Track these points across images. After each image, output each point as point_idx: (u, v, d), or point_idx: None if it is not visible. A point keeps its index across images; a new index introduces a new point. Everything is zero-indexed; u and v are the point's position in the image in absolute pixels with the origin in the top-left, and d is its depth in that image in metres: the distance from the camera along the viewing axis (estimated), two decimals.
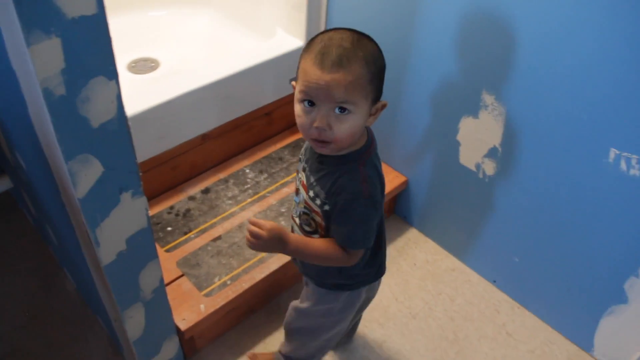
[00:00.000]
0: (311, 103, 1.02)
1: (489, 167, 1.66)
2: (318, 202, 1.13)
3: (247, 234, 1.12)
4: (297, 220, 1.22)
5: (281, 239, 1.11)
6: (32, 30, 0.76)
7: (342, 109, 1.00)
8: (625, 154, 1.35)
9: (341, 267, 1.21)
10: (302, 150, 1.22)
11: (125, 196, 1.04)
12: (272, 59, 1.85)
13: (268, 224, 1.10)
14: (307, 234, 1.20)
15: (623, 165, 1.36)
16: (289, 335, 1.48)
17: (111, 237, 1.07)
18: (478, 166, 1.69)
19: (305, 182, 1.16)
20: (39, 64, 0.79)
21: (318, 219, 1.15)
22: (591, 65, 1.31)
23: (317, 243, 1.16)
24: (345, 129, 1.02)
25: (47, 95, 0.82)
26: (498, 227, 1.75)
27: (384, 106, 1.09)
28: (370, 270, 1.27)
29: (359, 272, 1.24)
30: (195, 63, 2.09)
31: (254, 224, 1.11)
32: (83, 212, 0.99)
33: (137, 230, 1.11)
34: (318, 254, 1.15)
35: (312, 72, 1.00)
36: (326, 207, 1.12)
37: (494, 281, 1.88)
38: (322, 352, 1.48)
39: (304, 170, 1.17)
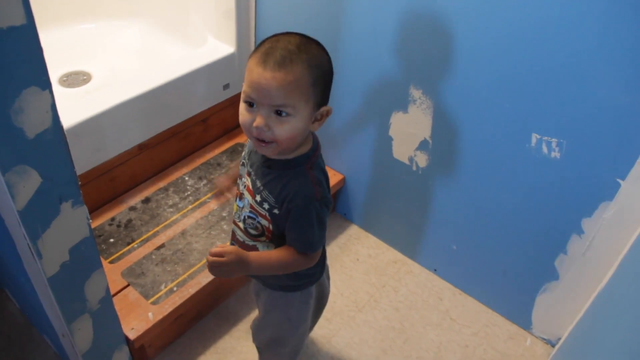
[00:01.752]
0: (252, 104, 1.02)
1: (422, 160, 1.72)
2: (266, 206, 1.12)
3: (208, 265, 1.12)
4: (240, 224, 1.22)
5: (241, 259, 1.11)
6: None
7: (280, 112, 1.00)
8: (545, 138, 1.43)
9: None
10: (244, 154, 1.21)
11: (65, 206, 1.04)
12: (204, 66, 1.87)
13: (226, 248, 1.10)
14: (253, 237, 1.20)
15: (544, 149, 1.44)
16: (261, 351, 1.50)
17: (53, 248, 1.07)
18: (411, 159, 1.75)
19: (250, 187, 1.16)
20: None
21: (265, 222, 1.15)
22: (510, 54, 1.39)
23: (276, 255, 1.16)
24: (284, 130, 1.01)
25: None
26: (435, 217, 1.81)
27: (328, 112, 1.09)
28: (316, 269, 1.28)
29: (306, 271, 1.24)
30: (128, 74, 2.09)
31: (212, 254, 1.10)
32: (23, 224, 0.99)
33: (80, 240, 1.11)
34: (279, 264, 1.15)
35: (255, 71, 0.99)
36: (275, 211, 1.12)
37: (435, 270, 1.94)
38: (296, 356, 1.50)
39: (248, 174, 1.17)
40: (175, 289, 1.56)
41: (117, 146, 1.73)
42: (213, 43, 1.96)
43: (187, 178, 1.90)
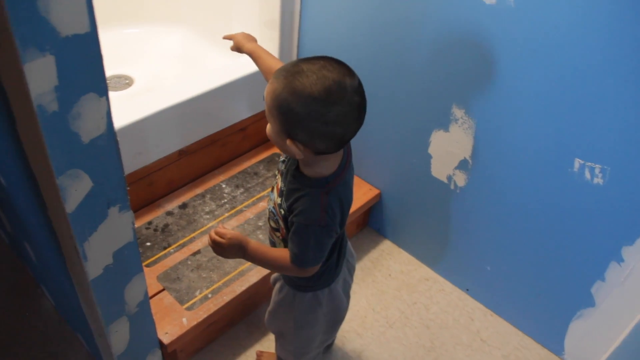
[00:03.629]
0: None
1: (460, 179, 1.71)
2: (282, 210, 1.19)
3: (209, 241, 1.20)
4: (268, 214, 1.29)
5: (241, 246, 1.18)
6: (27, 48, 0.78)
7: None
8: (589, 163, 1.41)
9: None
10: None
11: (113, 210, 1.06)
12: (245, 76, 1.89)
13: (229, 233, 1.18)
14: (272, 229, 1.29)
15: (587, 175, 1.43)
16: (276, 337, 1.53)
17: (98, 251, 1.08)
18: (450, 178, 1.74)
19: (279, 186, 1.22)
20: (33, 81, 0.81)
21: (281, 222, 1.22)
22: (556, 79, 1.38)
23: (275, 253, 1.23)
24: (267, 127, 1.10)
25: (40, 111, 0.84)
26: (470, 237, 1.80)
27: (300, 150, 1.06)
28: (327, 277, 1.32)
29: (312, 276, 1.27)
30: (169, 80, 2.11)
31: (216, 233, 1.18)
32: (72, 227, 1.01)
33: (124, 244, 1.13)
34: (274, 262, 1.22)
35: None
36: (286, 216, 1.18)
37: (467, 289, 1.93)
38: (302, 358, 1.50)
39: (281, 174, 1.22)
40: (210, 295, 1.57)
41: (157, 151, 1.75)
42: None
43: (224, 185, 1.92)
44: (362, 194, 1.97)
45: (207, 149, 1.91)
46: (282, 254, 1.21)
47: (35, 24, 0.77)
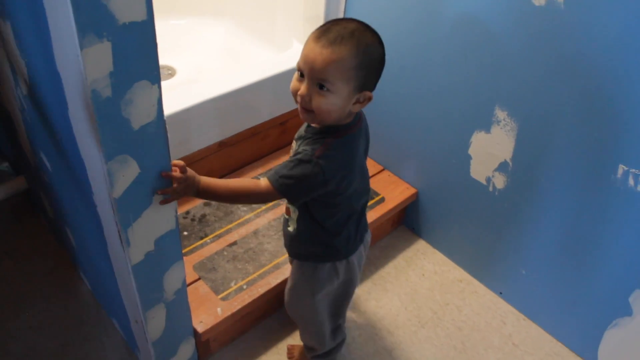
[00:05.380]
0: (302, 74, 1.11)
1: (499, 181, 1.70)
2: None
3: (160, 191, 1.07)
4: None
5: (195, 177, 1.11)
6: (86, 33, 0.79)
7: (321, 86, 1.08)
8: (633, 170, 1.39)
9: (313, 237, 1.30)
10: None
11: (157, 198, 1.07)
12: (287, 71, 1.89)
13: (176, 177, 1.08)
14: (286, 207, 1.33)
15: (631, 181, 1.41)
16: (298, 323, 1.57)
17: (141, 237, 1.10)
18: (488, 180, 1.73)
19: (292, 150, 1.25)
20: (90, 67, 0.83)
21: None
22: (601, 85, 1.36)
23: (233, 179, 1.28)
24: (322, 103, 1.10)
25: (95, 96, 0.86)
26: (506, 240, 1.79)
27: (369, 98, 1.16)
28: (346, 249, 1.34)
29: (333, 243, 1.31)
30: (212, 72, 2.13)
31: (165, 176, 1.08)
32: (117, 213, 1.02)
33: (166, 231, 1.14)
34: (231, 184, 1.19)
35: (309, 45, 1.09)
36: None
37: (500, 293, 1.92)
38: (324, 338, 1.52)
39: (295, 140, 1.26)
40: (245, 287, 1.58)
41: (198, 141, 1.77)
42: (298, 48, 1.98)
43: (262, 178, 1.93)
44: (399, 192, 1.97)
45: (246, 141, 1.92)
46: (245, 178, 1.32)
47: (95, 11, 0.79)
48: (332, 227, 1.30)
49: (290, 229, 1.34)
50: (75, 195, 1.31)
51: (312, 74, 1.08)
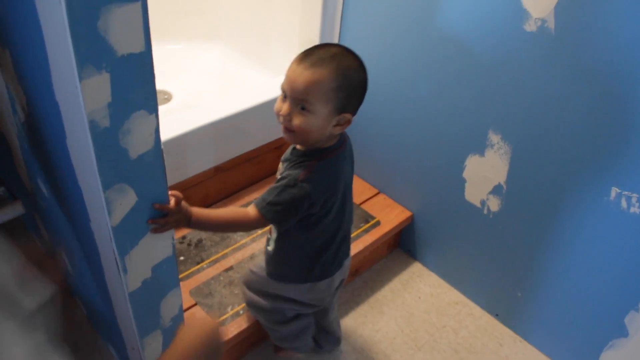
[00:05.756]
0: (285, 95, 1.16)
1: (494, 204, 1.71)
2: None
3: (152, 220, 1.07)
4: None
5: (187, 209, 1.13)
6: (85, 65, 0.80)
7: (303, 107, 1.13)
8: (626, 192, 1.40)
9: (289, 258, 1.35)
10: None
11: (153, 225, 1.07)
12: None
13: (170, 208, 1.08)
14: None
15: (624, 204, 1.42)
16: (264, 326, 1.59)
17: (138, 264, 1.10)
18: (483, 203, 1.74)
19: (279, 172, 1.28)
20: (88, 98, 0.84)
21: None
22: (593, 108, 1.38)
23: (226, 209, 1.33)
24: (302, 123, 1.14)
25: (92, 127, 0.87)
26: (501, 262, 1.80)
27: (348, 121, 1.19)
28: (312, 267, 1.36)
29: (301, 265, 1.37)
30: (208, 97, 2.14)
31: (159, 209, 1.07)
32: (115, 240, 1.03)
33: (163, 258, 1.15)
34: (221, 214, 1.23)
35: (292, 67, 1.15)
36: None
37: (497, 315, 1.92)
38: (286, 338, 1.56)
39: (282, 161, 1.29)
40: (241, 312, 1.58)
41: (193, 167, 1.78)
42: None
43: (250, 207, 1.93)
44: (394, 215, 1.98)
45: (242, 166, 1.93)
46: (234, 208, 1.33)
47: (94, 43, 0.80)
48: (311, 252, 1.33)
49: (270, 247, 1.38)
50: (72, 222, 1.31)
51: (293, 94, 1.13)
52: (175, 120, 1.74)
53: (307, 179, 1.18)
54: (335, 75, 1.12)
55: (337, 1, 1.87)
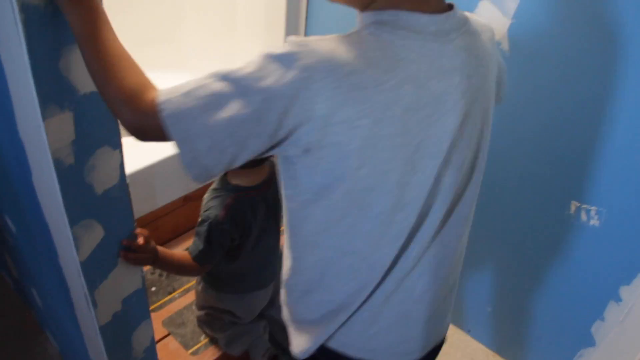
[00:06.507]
0: None
1: None
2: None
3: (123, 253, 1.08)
4: None
5: (154, 248, 1.20)
6: (48, 104, 0.82)
7: None
8: (584, 205, 1.45)
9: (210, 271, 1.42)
10: None
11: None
12: None
13: (142, 246, 1.12)
14: None
15: (583, 216, 1.46)
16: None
17: (108, 298, 1.11)
18: None
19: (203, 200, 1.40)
20: (52, 136, 0.85)
21: None
22: (548, 126, 1.42)
23: (179, 254, 1.32)
24: None
25: (57, 164, 0.88)
26: (471, 278, 1.83)
27: None
28: (233, 281, 1.47)
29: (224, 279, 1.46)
30: None
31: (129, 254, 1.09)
32: (83, 275, 1.03)
33: (133, 291, 1.15)
34: (175, 260, 1.30)
35: None
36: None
37: (469, 331, 1.94)
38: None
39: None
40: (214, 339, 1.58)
41: (163, 197, 1.78)
42: None
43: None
44: None
45: None
46: (185, 254, 1.32)
47: (56, 83, 0.82)
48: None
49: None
50: (41, 258, 1.31)
51: None
52: (141, 151, 1.74)
53: (223, 217, 1.28)
54: None
55: (299, 29, 1.91)
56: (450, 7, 0.78)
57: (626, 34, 1.23)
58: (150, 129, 0.73)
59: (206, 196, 1.35)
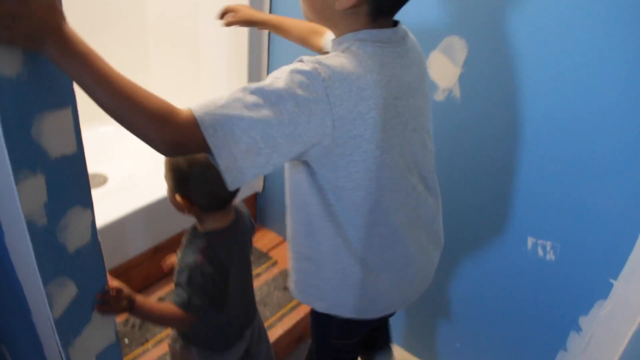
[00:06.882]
0: None
1: None
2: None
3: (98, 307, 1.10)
4: None
5: (130, 295, 1.18)
6: (20, 169, 0.85)
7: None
8: (540, 241, 1.51)
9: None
10: None
11: (96, 314, 1.10)
12: None
13: (115, 283, 1.14)
14: None
15: (540, 252, 1.53)
16: None
17: (82, 354, 1.12)
18: None
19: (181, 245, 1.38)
20: (24, 199, 0.88)
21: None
22: (502, 163, 1.49)
23: (161, 304, 1.29)
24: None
25: (30, 226, 0.91)
26: (438, 315, 1.87)
27: (181, 201, 1.30)
28: (218, 334, 1.43)
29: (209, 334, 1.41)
30: (143, 179, 2.18)
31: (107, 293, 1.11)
32: (57, 332, 1.05)
33: (107, 345, 1.16)
34: (156, 310, 1.25)
35: None
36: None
37: None
38: None
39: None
40: None
41: (133, 248, 1.81)
42: None
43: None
44: None
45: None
46: (167, 303, 1.27)
47: (28, 148, 0.85)
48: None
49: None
50: (13, 314, 1.32)
51: None
52: (111, 204, 1.78)
53: (202, 261, 1.27)
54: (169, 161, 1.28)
55: (262, 69, 1.98)
56: (396, 22, 1.05)
57: (568, 77, 1.31)
58: (189, 141, 0.86)
59: (179, 251, 1.37)
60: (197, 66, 2.26)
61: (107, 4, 2.36)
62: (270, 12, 1.93)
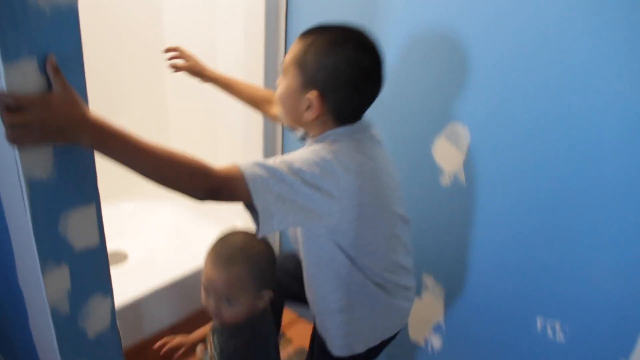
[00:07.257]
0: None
1: (436, 342, 1.81)
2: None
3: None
4: None
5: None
6: (47, 261, 0.92)
7: (228, 300, 1.21)
8: (549, 320, 1.53)
9: None
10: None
11: None
12: None
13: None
14: None
15: (549, 332, 1.54)
16: None
17: None
18: (427, 341, 1.84)
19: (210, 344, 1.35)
20: (50, 288, 0.95)
21: None
22: (510, 244, 1.54)
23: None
24: (230, 314, 1.22)
25: (54, 313, 0.97)
26: None
27: (269, 296, 1.27)
28: None
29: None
30: (163, 254, 2.25)
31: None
32: None
33: None
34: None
35: (207, 267, 1.22)
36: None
37: None
38: None
39: (212, 332, 1.36)
40: None
41: (151, 326, 1.85)
42: (240, 225, 2.13)
43: None
44: None
45: (199, 322, 2.00)
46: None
47: (55, 242, 0.92)
48: None
49: None
50: None
51: (216, 293, 1.21)
52: (131, 282, 1.83)
53: (244, 344, 1.27)
54: (247, 267, 1.21)
55: (277, 149, 2.06)
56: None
57: (568, 159, 1.37)
58: (228, 189, 1.02)
59: (211, 338, 1.36)
60: (215, 135, 2.35)
61: (127, 80, 2.47)
62: (287, 15, 2.01)
